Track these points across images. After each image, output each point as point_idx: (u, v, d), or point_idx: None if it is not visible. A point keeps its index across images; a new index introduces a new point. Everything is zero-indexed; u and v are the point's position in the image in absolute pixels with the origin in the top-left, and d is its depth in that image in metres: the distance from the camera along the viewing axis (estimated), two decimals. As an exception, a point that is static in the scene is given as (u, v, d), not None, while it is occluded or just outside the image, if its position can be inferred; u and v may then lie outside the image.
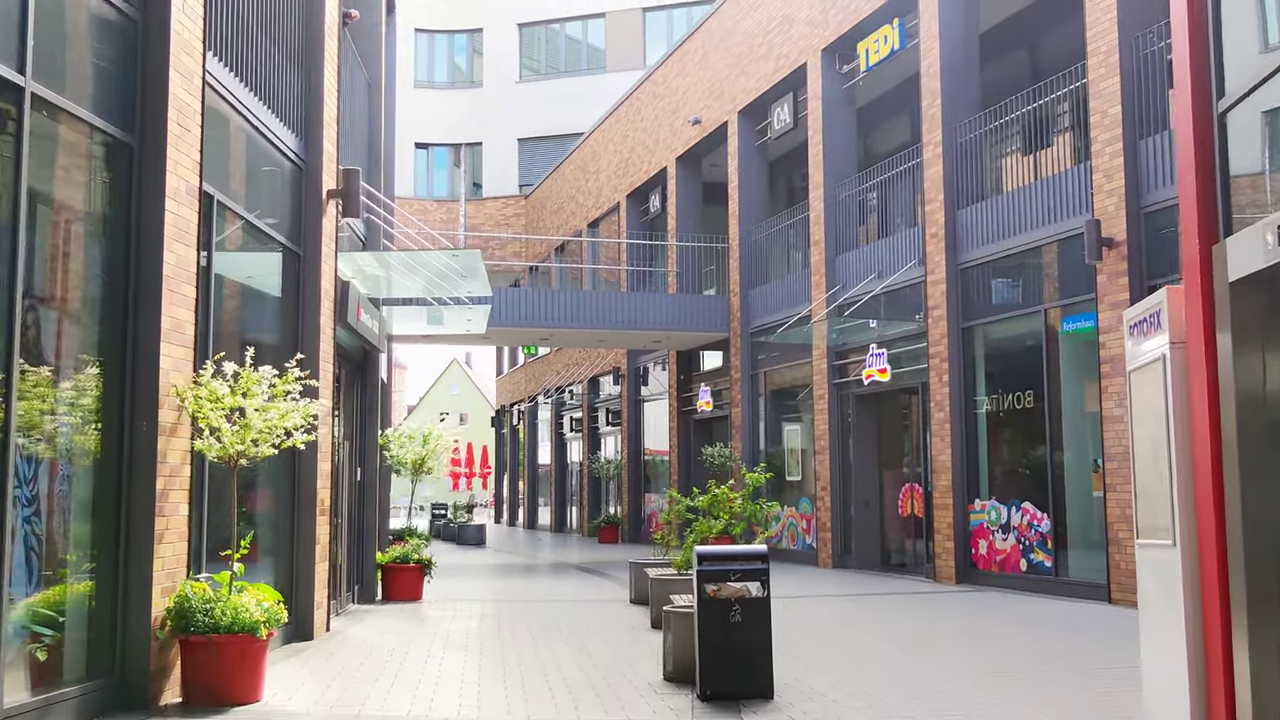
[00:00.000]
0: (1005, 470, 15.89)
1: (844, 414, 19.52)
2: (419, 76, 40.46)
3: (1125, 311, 6.12)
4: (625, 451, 29.34)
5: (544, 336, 24.06)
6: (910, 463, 18.28)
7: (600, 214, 31.00)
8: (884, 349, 18.17)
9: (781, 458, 22.15)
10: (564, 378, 34.79)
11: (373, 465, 14.27)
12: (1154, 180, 13.03)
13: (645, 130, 28.00)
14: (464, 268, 12.03)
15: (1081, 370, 14.43)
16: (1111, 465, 13.24)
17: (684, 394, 26.18)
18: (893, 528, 18.94)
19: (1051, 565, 14.51)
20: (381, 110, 14.91)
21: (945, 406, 16.32)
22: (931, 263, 16.76)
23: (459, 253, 11.82)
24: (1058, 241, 14.56)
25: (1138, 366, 5.91)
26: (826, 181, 19.94)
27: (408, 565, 14.26)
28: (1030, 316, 15.18)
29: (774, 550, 21.56)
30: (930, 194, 16.86)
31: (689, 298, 23.97)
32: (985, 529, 15.79)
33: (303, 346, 10.65)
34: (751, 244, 23.10)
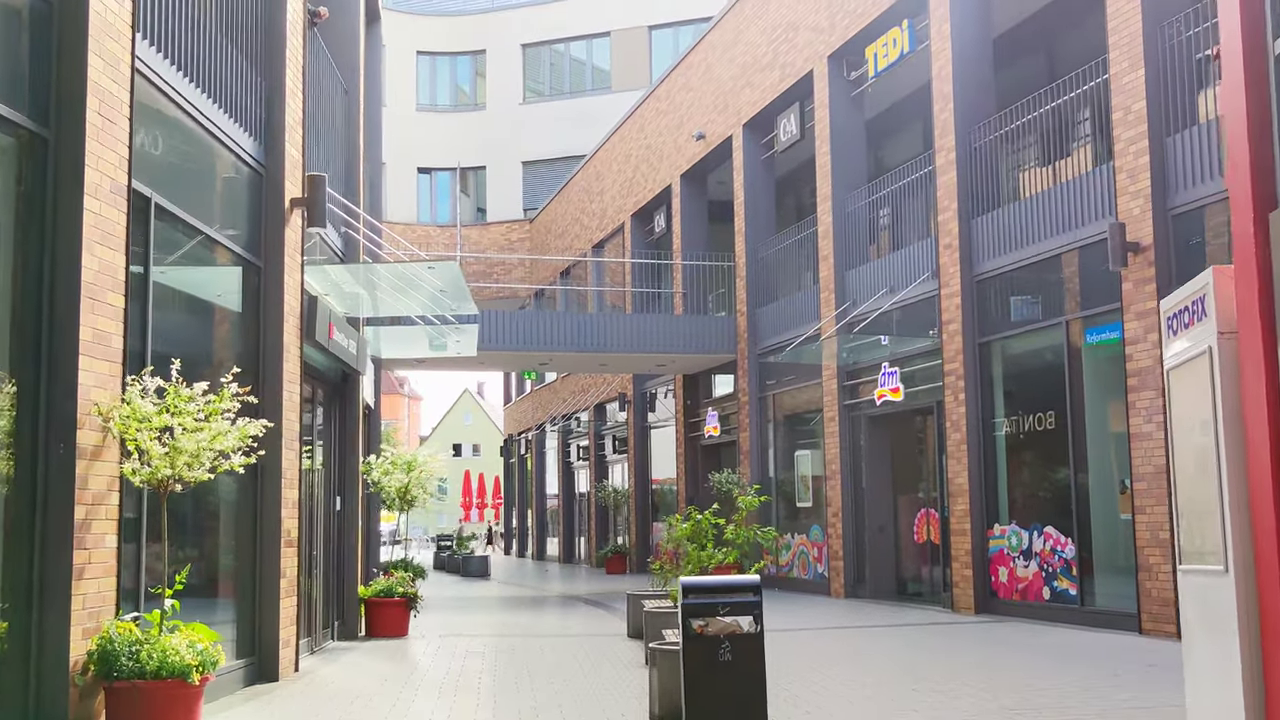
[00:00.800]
0: (1026, 493, 14.99)
1: (856, 436, 18.65)
2: (421, 100, 39.94)
3: (1162, 301, 5.27)
4: (633, 479, 28.48)
5: (544, 361, 23.29)
6: (926, 487, 17.38)
7: (605, 235, 30.29)
8: (896, 367, 17.31)
9: (792, 483, 21.26)
10: (570, 405, 33.98)
11: (354, 494, 13.48)
12: (1183, 179, 12.19)
13: (649, 148, 27.30)
14: (443, 282, 11.27)
15: (1106, 385, 13.55)
16: (1141, 486, 12.34)
17: (691, 419, 25.33)
18: (908, 555, 18.03)
19: (1077, 594, 13.58)
20: (361, 121, 14.20)
21: (961, 426, 15.44)
22: (945, 275, 15.92)
23: (436, 265, 11.06)
24: (1079, 248, 13.71)
25: (1178, 364, 5.07)
26: (835, 193, 19.15)
27: (392, 599, 13.43)
28: (1051, 329, 14.32)
29: (784, 580, 20.64)
30: (943, 203, 16.05)
31: (694, 318, 23.18)
32: (1005, 555, 14.88)
33: (264, 365, 9.90)
34: (759, 261, 22.31)
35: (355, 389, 13.56)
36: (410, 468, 13.81)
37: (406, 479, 13.74)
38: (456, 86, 40.81)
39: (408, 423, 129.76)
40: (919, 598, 17.40)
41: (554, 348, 22.00)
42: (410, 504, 13.94)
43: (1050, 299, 14.48)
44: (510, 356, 22.47)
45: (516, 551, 42.96)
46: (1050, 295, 14.49)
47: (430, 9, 40.92)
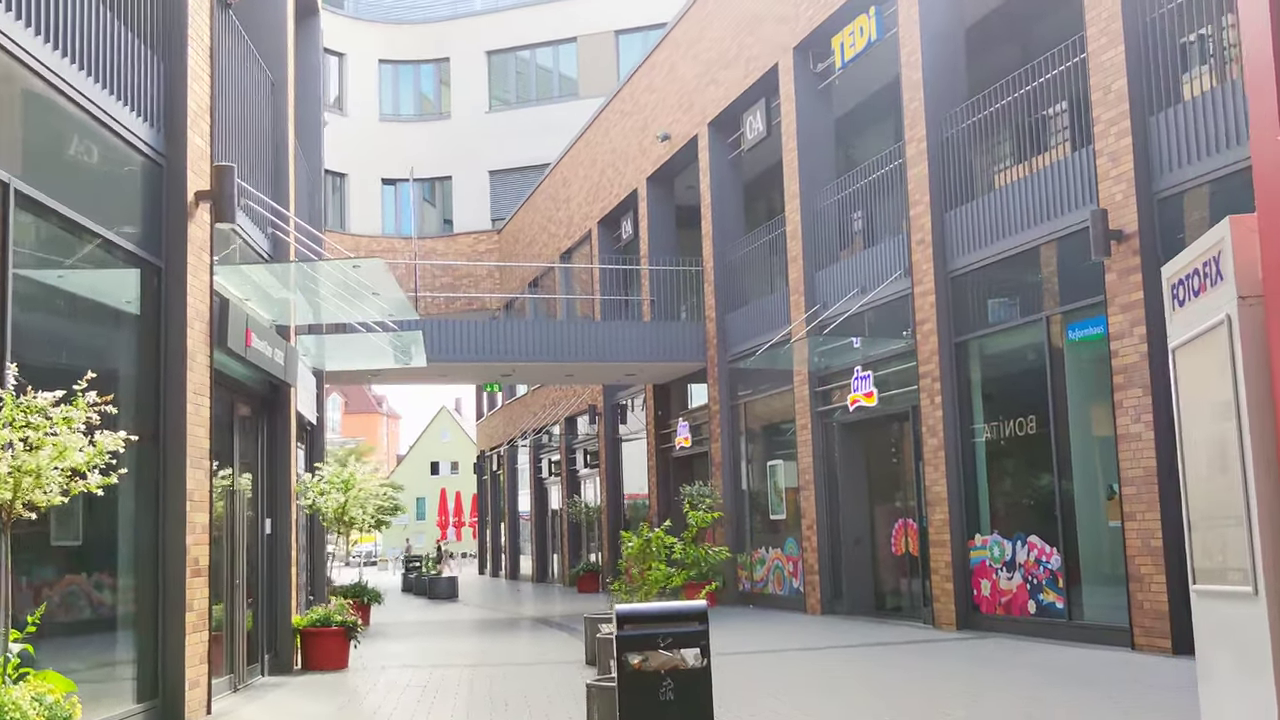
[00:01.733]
0: (1008, 501, 14.13)
1: (829, 445, 17.76)
2: (384, 109, 38.99)
3: (1165, 266, 4.38)
4: (604, 494, 27.53)
5: (507, 373, 22.34)
6: (903, 496, 16.50)
7: (573, 243, 29.39)
8: (870, 371, 16.45)
9: (765, 495, 20.36)
10: (541, 419, 33.03)
11: (286, 515, 12.49)
12: (1169, 161, 11.36)
13: (615, 151, 26.43)
14: (370, 280, 10.34)
15: (1090, 383, 12.71)
16: (1130, 491, 11.48)
17: (662, 430, 24.41)
18: (886, 568, 17.13)
19: (1064, 606, 12.70)
20: (291, 116, 13.26)
21: (939, 431, 14.57)
22: (919, 272, 15.07)
23: (361, 262, 10.12)
24: (1059, 239, 12.87)
25: (1186, 340, 4.17)
26: (803, 191, 18.30)
27: (329, 629, 12.45)
28: (1030, 326, 13.47)
29: (759, 596, 19.73)
30: (915, 196, 15.20)
31: (661, 325, 22.27)
32: (988, 567, 14.00)
33: (165, 375, 8.94)
34: (727, 265, 21.43)
35: (286, 402, 12.59)
36: (347, 486, 12.82)
37: (343, 499, 12.75)
38: (421, 95, 39.90)
39: (386, 441, 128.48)
40: (898, 612, 16.50)
41: (517, 358, 21.06)
42: (349, 526, 12.96)
43: (1029, 294, 13.64)
44: (472, 368, 21.51)
45: (490, 571, 41.89)
46: (1029, 290, 13.65)
47: (392, 17, 40.05)
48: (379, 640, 16.48)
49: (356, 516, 12.87)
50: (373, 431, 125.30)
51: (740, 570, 20.74)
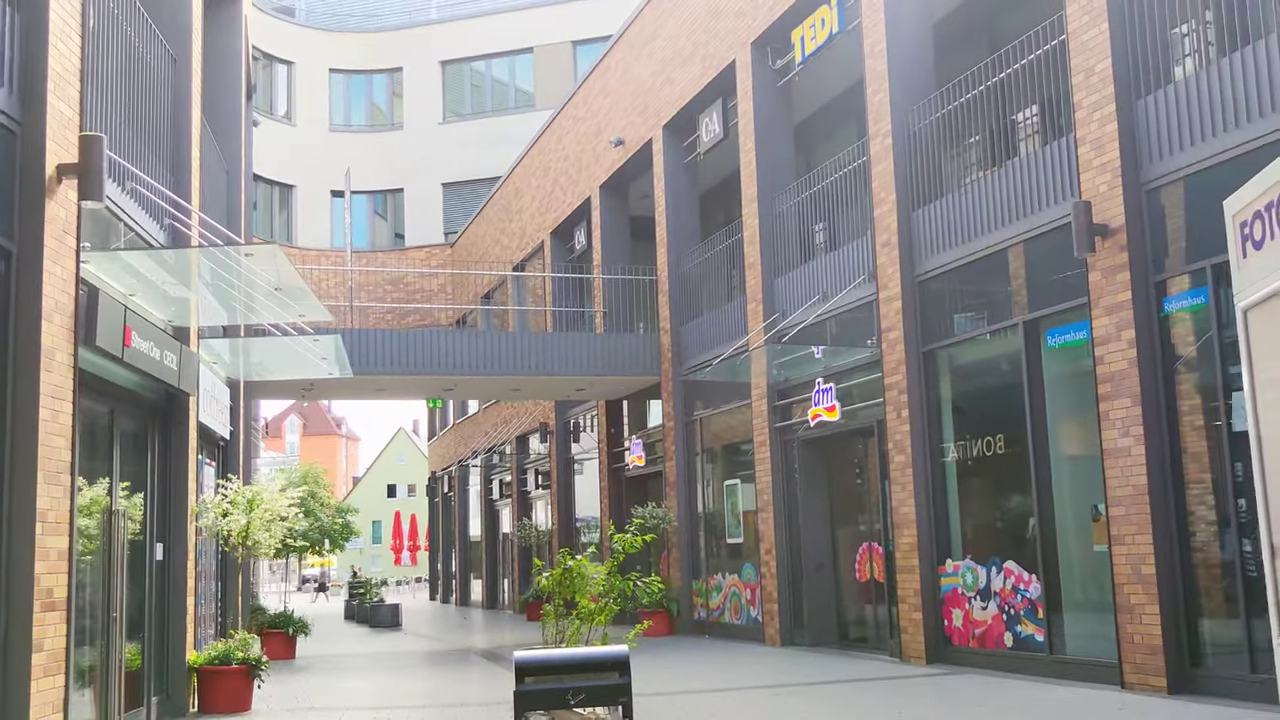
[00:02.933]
0: (981, 523, 13.02)
1: (789, 463, 16.61)
2: (335, 120, 37.69)
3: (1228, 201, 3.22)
4: (555, 517, 26.25)
5: (449, 387, 21.06)
6: (868, 518, 15.37)
7: (525, 255, 28.21)
8: (832, 383, 15.34)
9: (722, 517, 19.18)
10: (492, 437, 31.74)
11: (182, 540, 11.18)
12: (1159, 147, 10.33)
13: (567, 159, 25.30)
14: (263, 268, 9.10)
15: (1072, 394, 11.64)
16: (1118, 512, 10.39)
17: (614, 449, 23.21)
18: (850, 596, 15.97)
19: (1044, 639, 11.58)
20: (194, 99, 12.01)
21: (906, 448, 13.46)
22: (884, 276, 14.00)
23: (255, 249, 8.89)
24: (1036, 237, 11.82)
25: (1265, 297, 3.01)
26: (761, 195, 17.22)
27: (228, 667, 11.13)
28: (1005, 333, 12.41)
29: (715, 625, 18.53)
30: (879, 195, 14.14)
31: (613, 337, 21.09)
32: (960, 595, 12.87)
33: (12, 375, 7.67)
34: (682, 274, 20.31)
35: (185, 414, 11.29)
36: (252, 507, 11.52)
37: (246, 520, 11.45)
38: (373, 105, 38.64)
39: (346, 464, 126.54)
40: (863, 644, 15.34)
41: (460, 371, 19.79)
42: (252, 550, 11.67)
43: (1003, 298, 12.57)
44: (412, 381, 20.23)
45: (441, 597, 40.41)
46: (1003, 294, 12.59)
47: (344, 25, 38.85)
48: (300, 676, 15.15)
49: (261, 540, 11.56)
50: (332, 454, 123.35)
51: (696, 598, 19.54)
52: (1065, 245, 11.20)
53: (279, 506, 11.71)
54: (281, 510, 11.70)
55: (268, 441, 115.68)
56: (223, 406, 13.62)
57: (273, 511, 11.64)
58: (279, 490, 11.87)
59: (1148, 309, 10.30)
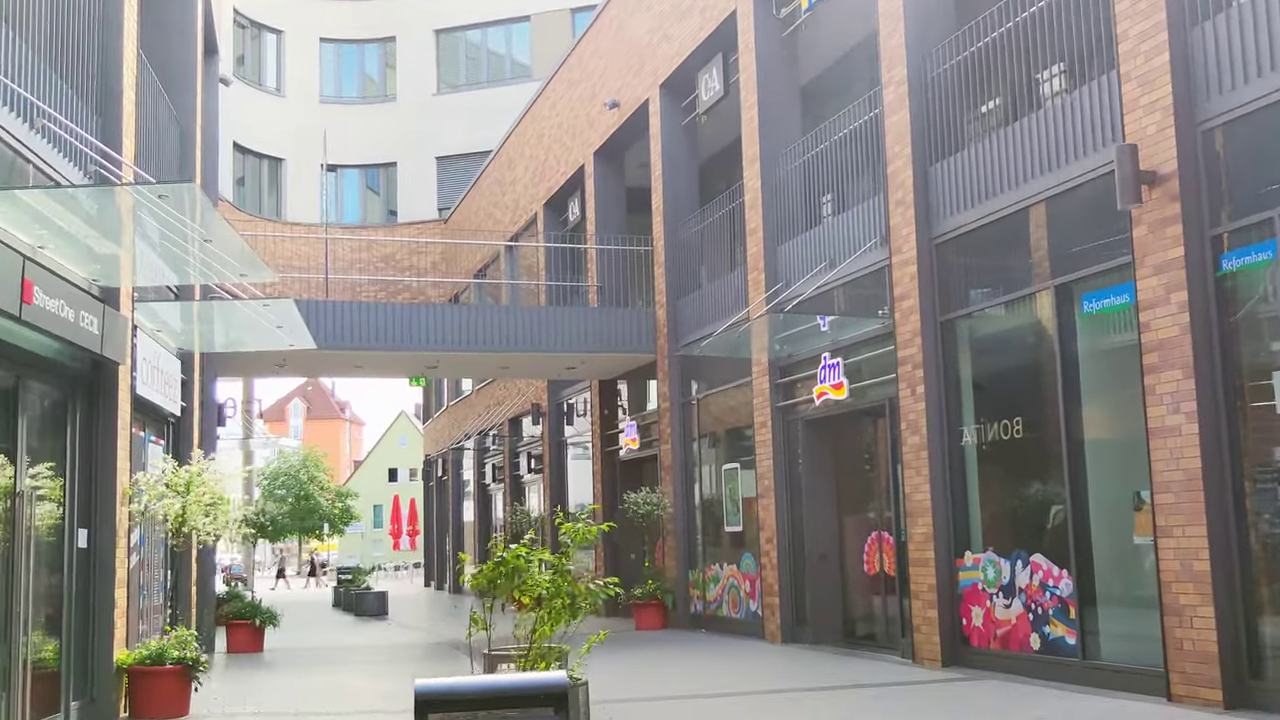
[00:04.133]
0: (1005, 511, 11.74)
1: (792, 445, 15.35)
2: (325, 91, 36.38)
3: None
4: (547, 502, 25.02)
5: (432, 364, 19.80)
6: (877, 505, 14.10)
7: (519, 228, 26.93)
8: (839, 358, 14.07)
9: (719, 503, 17.93)
10: (485, 420, 30.52)
11: (110, 525, 9.94)
12: (1217, 80, 9.01)
13: (561, 125, 24.00)
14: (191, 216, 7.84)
15: (1111, 366, 10.37)
16: (1165, 499, 9.11)
17: (608, 431, 21.95)
18: (857, 590, 14.71)
19: (1076, 642, 10.31)
20: (128, 35, 10.71)
21: (921, 428, 12.19)
22: (898, 239, 12.71)
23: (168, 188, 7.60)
24: (1071, 189, 10.51)
25: None
26: (764, 155, 15.92)
27: (162, 668, 9.92)
28: (1033, 299, 11.11)
29: (712, 619, 17.28)
30: (893, 149, 12.84)
31: (606, 311, 19.81)
32: (980, 591, 11.61)
33: None
34: (679, 244, 19.02)
35: (113, 384, 10.04)
36: (189, 488, 10.27)
37: (182, 504, 10.20)
38: (365, 76, 37.32)
39: (349, 448, 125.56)
40: (871, 642, 14.09)
41: (443, 346, 18.51)
42: (188, 536, 10.43)
43: (1032, 260, 11.27)
44: (391, 358, 18.96)
45: (436, 583, 39.27)
46: (1032, 255, 11.29)
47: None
48: (259, 673, 13.97)
49: (199, 525, 10.32)
50: (335, 438, 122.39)
51: (692, 589, 18.30)
52: (1105, 198, 9.90)
53: (220, 489, 10.46)
54: (224, 493, 10.45)
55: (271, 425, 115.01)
56: (170, 379, 12.38)
57: (215, 494, 10.39)
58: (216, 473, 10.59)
59: (1202, 267, 9.01)
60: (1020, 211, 11.17)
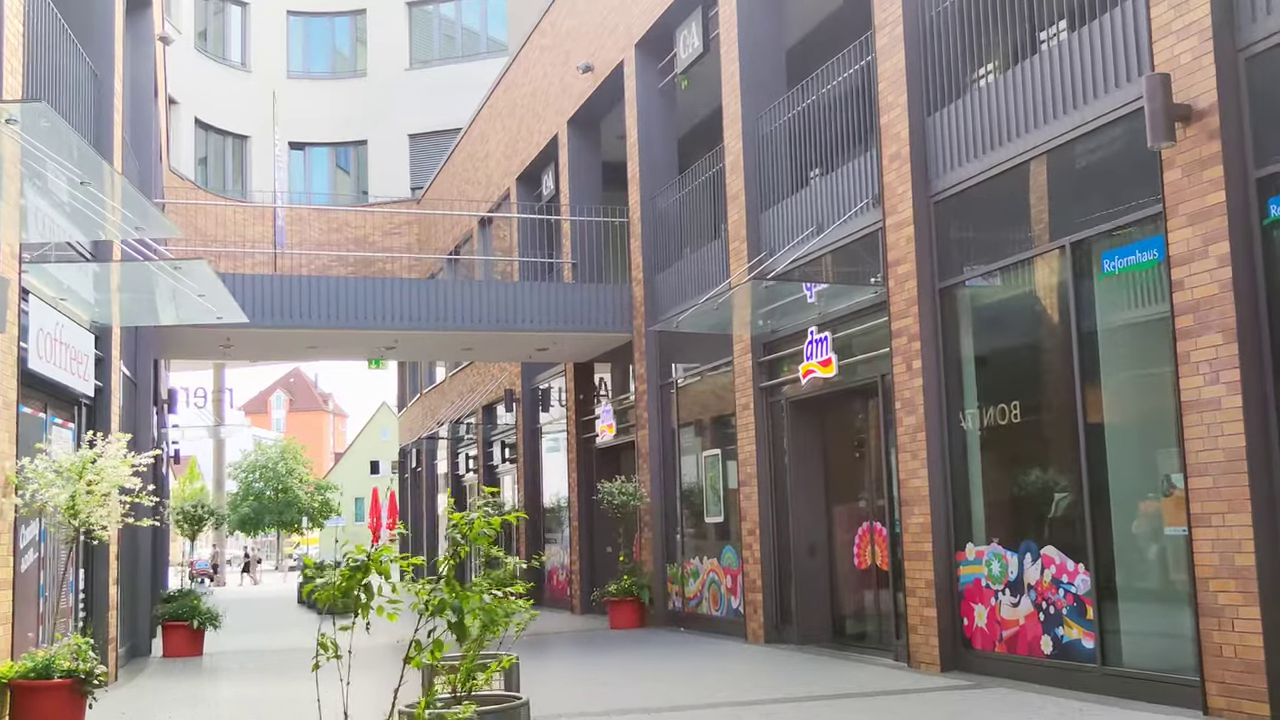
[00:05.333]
0: (1012, 498, 10.51)
1: (777, 429, 14.11)
2: (293, 66, 35.02)
3: None
4: (521, 493, 23.76)
5: (390, 344, 18.51)
6: (869, 494, 12.87)
7: (491, 206, 25.61)
8: (827, 332, 12.82)
9: (700, 492, 16.68)
10: (459, 408, 29.23)
11: (-12, 517, 8.64)
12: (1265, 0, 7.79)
13: (535, 95, 22.69)
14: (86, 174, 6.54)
15: (1136, 333, 9.15)
16: (1201, 484, 7.89)
17: (584, 417, 20.69)
18: (848, 585, 13.47)
19: (1094, 646, 9.09)
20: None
21: (917, 407, 10.95)
22: (892, 198, 11.46)
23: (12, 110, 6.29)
24: (1088, 134, 9.27)
25: None
26: (746, 114, 14.67)
27: (48, 682, 8.62)
28: (1045, 260, 9.87)
29: (691, 616, 16.06)
30: (887, 98, 11.58)
31: (579, 288, 18.53)
32: (984, 588, 10.38)
33: None
34: (656, 215, 17.75)
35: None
36: (80, 475, 8.98)
37: (71, 492, 8.91)
38: (334, 50, 35.96)
39: (332, 440, 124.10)
40: (862, 642, 12.86)
41: (401, 324, 17.22)
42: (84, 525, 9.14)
43: (1044, 216, 10.02)
44: (345, 336, 17.64)
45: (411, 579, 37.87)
46: (1044, 210, 10.04)
47: (304, -36, 36.12)
48: (188, 682, 12.69)
49: (94, 515, 9.03)
50: (318, 430, 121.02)
51: (670, 585, 17.06)
52: (1129, 140, 8.69)
53: (120, 475, 9.16)
54: (118, 478, 9.15)
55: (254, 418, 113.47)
56: (79, 355, 11.06)
57: (112, 479, 9.09)
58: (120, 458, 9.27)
59: (1245, 215, 7.77)
60: (1030, 161, 9.93)
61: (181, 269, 9.58)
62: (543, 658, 13.66)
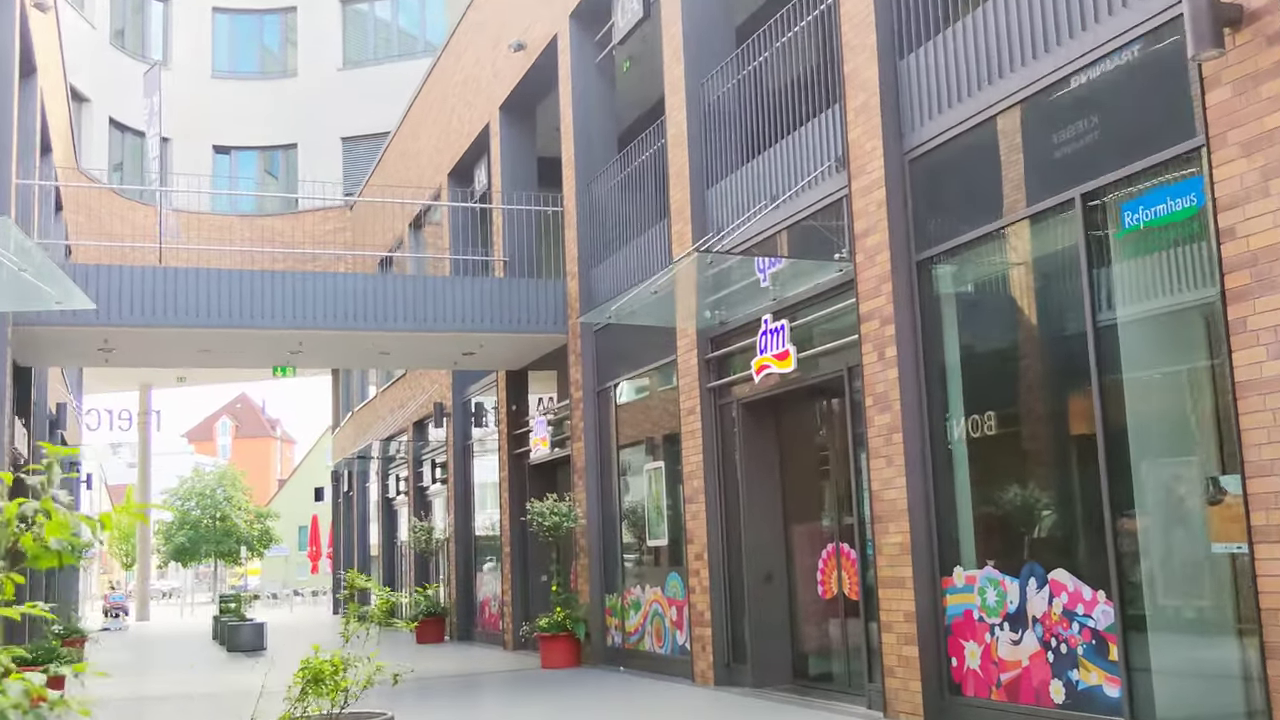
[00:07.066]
0: (1011, 512, 8.68)
1: (726, 435, 12.26)
2: (218, 65, 33.00)
3: None
4: (452, 515, 21.74)
5: (295, 348, 16.46)
6: (835, 509, 11.01)
7: (422, 206, 23.70)
8: (784, 321, 11.00)
9: (641, 512, 14.78)
10: (389, 425, 27.17)
11: None
12: None
13: (465, 81, 20.85)
14: None
15: (1166, 302, 7.38)
16: (1265, 486, 6.12)
17: (516, 431, 18.75)
18: (810, 619, 11.59)
19: (1120, 694, 7.26)
20: None
21: (893, 404, 9.15)
22: (859, 157, 9.68)
23: None
24: (1105, 55, 7.52)
25: None
26: (689, 78, 12.89)
27: None
28: (1048, 219, 8.10)
29: (633, 655, 14.13)
30: (852, 40, 9.82)
31: (507, 284, 16.60)
32: (976, 621, 8.55)
33: None
34: (593, 202, 15.92)
35: None
36: None
37: None
38: (263, 49, 33.97)
39: (280, 467, 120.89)
40: (828, 684, 10.99)
41: (307, 323, 15.21)
42: None
43: (1047, 164, 8.25)
44: (243, 338, 15.56)
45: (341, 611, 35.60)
46: (1046, 158, 8.26)
47: (232, -42, 34.15)
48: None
49: None
50: (265, 457, 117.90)
51: (609, 617, 15.11)
52: (1154, 64, 6.97)
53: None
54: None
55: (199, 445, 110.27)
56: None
57: None
58: None
59: (1320, 138, 6.05)
60: (1027, 101, 8.18)
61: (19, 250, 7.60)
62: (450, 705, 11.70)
